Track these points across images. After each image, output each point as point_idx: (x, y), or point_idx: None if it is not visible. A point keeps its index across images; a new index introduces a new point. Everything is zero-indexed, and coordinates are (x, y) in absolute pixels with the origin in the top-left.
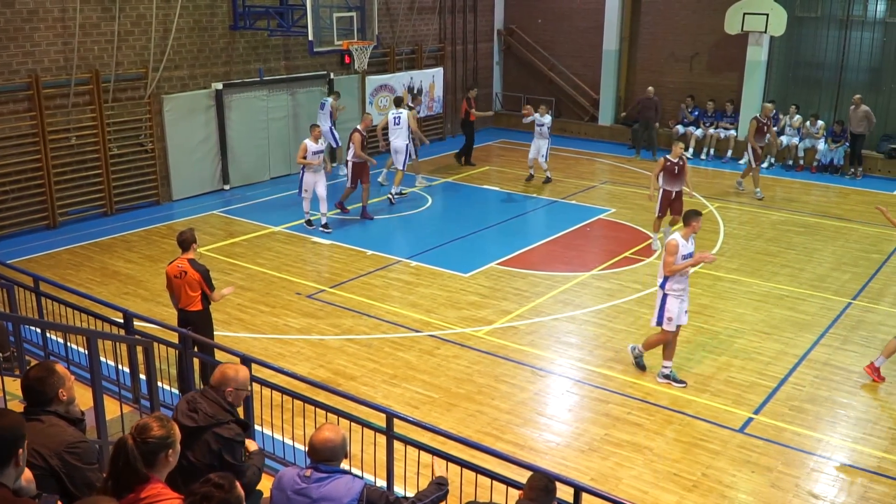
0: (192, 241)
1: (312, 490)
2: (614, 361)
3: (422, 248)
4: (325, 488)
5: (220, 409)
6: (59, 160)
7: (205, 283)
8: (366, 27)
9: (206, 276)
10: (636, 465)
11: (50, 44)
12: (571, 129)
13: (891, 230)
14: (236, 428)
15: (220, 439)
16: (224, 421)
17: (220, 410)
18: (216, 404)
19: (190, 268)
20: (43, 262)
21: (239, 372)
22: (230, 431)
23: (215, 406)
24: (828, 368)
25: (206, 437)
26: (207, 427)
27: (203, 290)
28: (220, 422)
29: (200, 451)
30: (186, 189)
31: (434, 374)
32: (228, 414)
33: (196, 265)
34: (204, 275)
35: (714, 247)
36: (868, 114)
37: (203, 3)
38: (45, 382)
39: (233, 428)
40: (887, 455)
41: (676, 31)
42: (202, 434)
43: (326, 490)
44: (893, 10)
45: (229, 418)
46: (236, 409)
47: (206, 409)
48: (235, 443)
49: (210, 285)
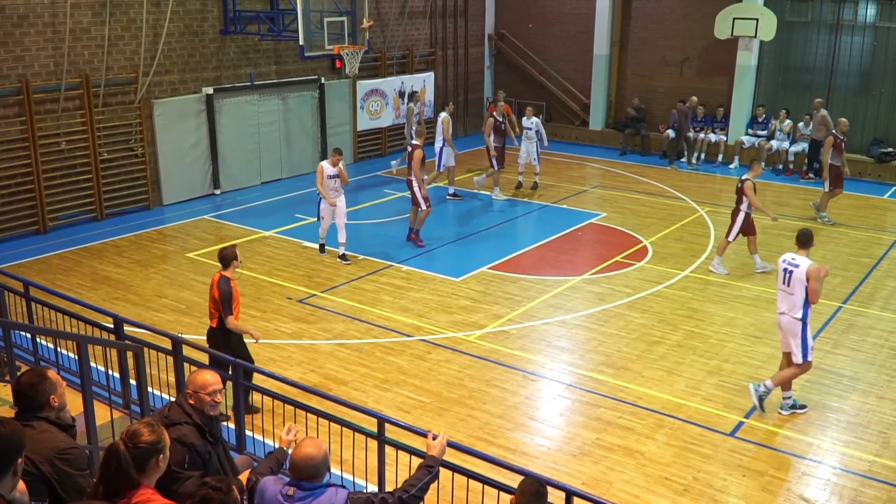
0: (233, 258)
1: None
2: (605, 365)
3: (413, 252)
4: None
5: (178, 412)
6: (49, 165)
7: (221, 304)
8: (356, 32)
9: (224, 299)
10: (627, 469)
11: (40, 48)
12: (562, 134)
13: (880, 234)
14: (185, 430)
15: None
16: (177, 422)
17: (177, 412)
18: (178, 407)
19: (216, 284)
20: (33, 266)
21: (207, 377)
22: (177, 432)
23: (175, 409)
24: (818, 372)
25: None
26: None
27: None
28: (171, 423)
29: None
30: (177, 194)
31: (425, 379)
32: (186, 416)
33: (222, 285)
34: (223, 297)
35: (705, 251)
36: (825, 118)
37: (193, 7)
38: (36, 388)
39: (181, 429)
40: (878, 459)
41: (667, 35)
42: None
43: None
44: (883, 15)
45: (183, 419)
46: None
47: (165, 411)
48: (179, 444)
49: (226, 309)
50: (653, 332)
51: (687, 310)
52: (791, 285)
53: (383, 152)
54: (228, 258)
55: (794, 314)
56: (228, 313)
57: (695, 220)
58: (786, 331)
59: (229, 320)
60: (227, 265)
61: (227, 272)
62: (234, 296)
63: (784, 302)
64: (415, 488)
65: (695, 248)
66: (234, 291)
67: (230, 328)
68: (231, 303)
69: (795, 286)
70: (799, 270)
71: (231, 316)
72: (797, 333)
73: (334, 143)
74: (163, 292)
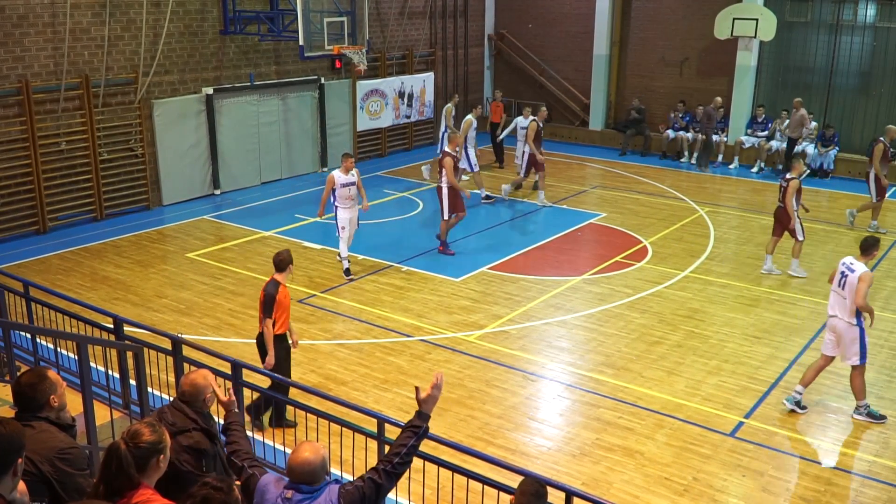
0: (288, 262)
1: None
2: (605, 365)
3: (413, 252)
4: None
5: (183, 418)
6: (49, 165)
7: (262, 305)
8: (356, 32)
9: (267, 301)
10: (627, 470)
11: (40, 49)
12: (562, 134)
13: (880, 234)
14: (196, 436)
15: (179, 448)
16: (186, 429)
17: (183, 419)
18: (181, 413)
19: (265, 286)
20: (33, 267)
21: (207, 377)
22: (189, 440)
23: (179, 415)
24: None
25: None
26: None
27: None
28: (180, 430)
29: None
30: (177, 194)
31: (425, 379)
32: (192, 422)
33: (269, 287)
34: (267, 298)
35: (705, 251)
36: (803, 118)
37: (193, 7)
38: (36, 388)
39: (193, 436)
40: (878, 459)
41: (666, 35)
42: None
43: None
44: (883, 15)
45: (191, 426)
46: (208, 419)
47: (168, 418)
48: (194, 451)
49: (266, 311)
50: (653, 333)
51: (687, 310)
52: (845, 289)
53: (383, 152)
54: (284, 262)
55: (850, 319)
56: (267, 315)
57: (695, 221)
58: (841, 335)
59: (266, 322)
60: (281, 269)
61: (280, 276)
62: (281, 302)
63: (836, 305)
64: (399, 456)
65: (694, 249)
66: (280, 297)
67: (264, 331)
68: (272, 306)
69: (848, 290)
70: (853, 276)
71: (269, 319)
72: (856, 338)
73: (334, 143)
74: (163, 292)
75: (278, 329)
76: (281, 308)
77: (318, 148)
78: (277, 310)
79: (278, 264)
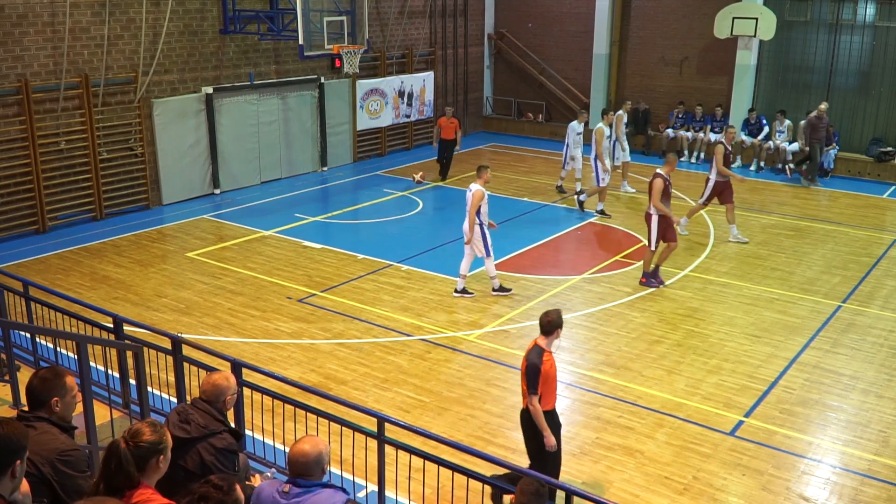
0: (556, 325)
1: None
2: (605, 365)
3: (413, 251)
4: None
5: (212, 420)
6: (48, 165)
7: (525, 378)
8: (356, 31)
9: (529, 372)
10: (627, 469)
11: (39, 48)
12: (562, 133)
13: (880, 233)
14: (229, 437)
15: (214, 450)
16: (217, 431)
17: (212, 421)
18: (208, 415)
19: (526, 353)
20: (32, 266)
21: (229, 379)
22: (223, 441)
23: (207, 417)
24: (818, 371)
25: (198, 448)
26: (201, 438)
27: None
28: (213, 432)
29: (193, 462)
30: (176, 193)
31: (425, 378)
32: (221, 424)
33: (532, 356)
34: (529, 369)
35: (705, 250)
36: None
37: (193, 7)
38: (45, 383)
39: (226, 438)
40: (878, 458)
41: (666, 35)
42: (195, 445)
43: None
44: (883, 14)
45: (222, 428)
46: (227, 419)
47: (198, 420)
48: (229, 452)
49: (530, 386)
50: (652, 332)
51: (686, 309)
52: None
53: (383, 152)
54: (552, 325)
55: None
56: (531, 392)
57: (694, 220)
58: None
59: (531, 399)
60: (548, 332)
61: (545, 340)
62: (547, 373)
63: None
64: None
65: (694, 248)
66: (546, 367)
67: (529, 407)
68: (537, 379)
69: None
70: None
71: (534, 396)
72: None
73: (334, 142)
74: (162, 292)
75: (545, 405)
76: (548, 380)
77: (317, 147)
78: (543, 383)
79: (545, 326)
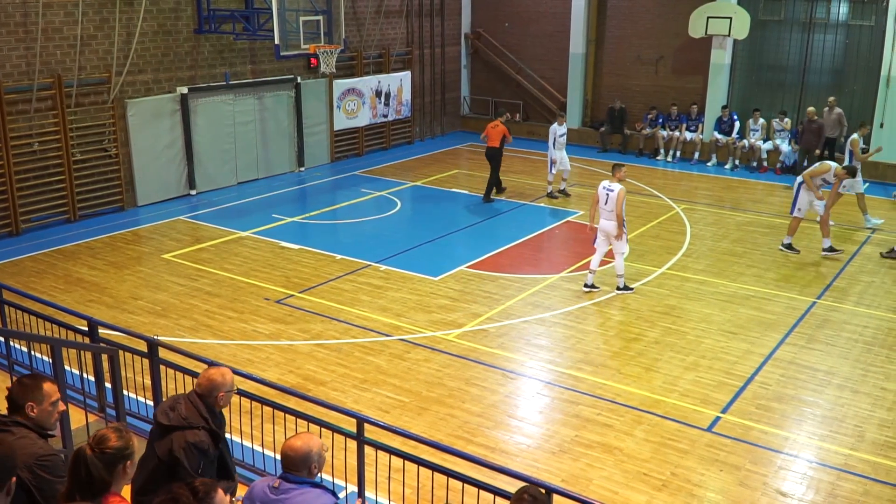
0: None
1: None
2: (584, 363)
3: (391, 251)
4: (293, 501)
5: (195, 414)
6: (21, 166)
7: None
8: (332, 31)
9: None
10: (606, 466)
11: (12, 48)
12: (539, 132)
13: (854, 230)
14: (202, 435)
15: (184, 442)
16: (195, 426)
17: (195, 415)
18: (195, 409)
19: None
20: (6, 269)
21: (225, 375)
22: (195, 437)
23: (192, 410)
24: (794, 367)
25: (172, 437)
26: (178, 427)
27: None
28: (191, 425)
29: (162, 449)
30: (151, 194)
31: (404, 378)
32: (203, 420)
33: None
34: None
35: (681, 248)
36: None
37: (167, 6)
38: (23, 388)
39: (199, 434)
40: (854, 452)
41: (642, 34)
42: (171, 433)
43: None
44: (855, 13)
45: (201, 424)
46: (218, 418)
47: (182, 410)
48: (197, 449)
49: None
50: (630, 329)
51: (663, 306)
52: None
53: (360, 152)
54: None
55: None
56: None
57: (671, 218)
58: None
59: None
60: None
61: None
62: None
63: None
64: None
65: (671, 246)
66: None
67: None
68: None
69: None
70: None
71: None
72: None
73: (311, 142)
74: (138, 294)
75: None
76: None
77: (294, 147)
78: None
79: None
